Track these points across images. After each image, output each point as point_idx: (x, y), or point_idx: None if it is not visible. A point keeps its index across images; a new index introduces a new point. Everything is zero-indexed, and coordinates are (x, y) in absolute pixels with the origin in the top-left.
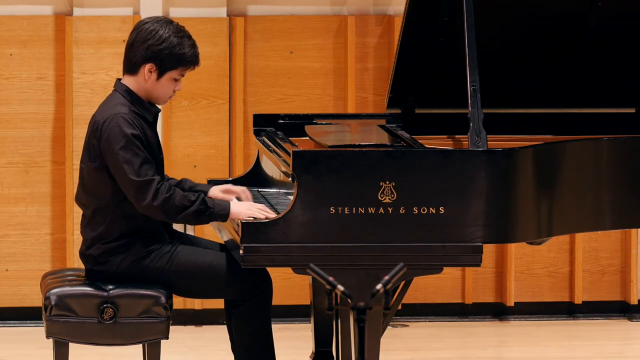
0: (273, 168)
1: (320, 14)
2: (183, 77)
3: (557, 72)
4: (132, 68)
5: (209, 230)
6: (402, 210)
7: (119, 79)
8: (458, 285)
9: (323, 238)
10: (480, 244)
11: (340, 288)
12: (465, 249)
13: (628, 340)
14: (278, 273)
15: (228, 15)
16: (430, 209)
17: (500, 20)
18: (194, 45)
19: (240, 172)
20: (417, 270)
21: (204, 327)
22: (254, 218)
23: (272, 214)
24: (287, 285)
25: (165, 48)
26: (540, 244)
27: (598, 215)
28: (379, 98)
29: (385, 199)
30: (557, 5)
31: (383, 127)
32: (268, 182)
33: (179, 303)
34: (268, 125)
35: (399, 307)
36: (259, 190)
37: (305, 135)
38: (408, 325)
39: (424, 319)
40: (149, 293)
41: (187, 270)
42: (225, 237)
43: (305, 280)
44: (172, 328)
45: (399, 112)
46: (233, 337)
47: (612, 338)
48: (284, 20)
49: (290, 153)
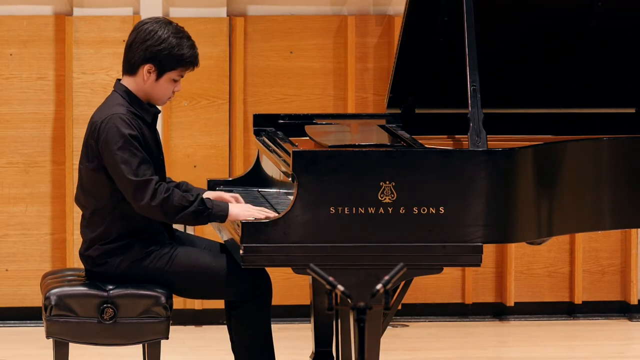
0: (273, 168)
1: (320, 14)
2: (182, 77)
3: (557, 72)
4: (131, 69)
5: (209, 230)
6: (402, 210)
7: (119, 80)
8: (458, 285)
9: (323, 238)
10: (480, 244)
11: (340, 288)
12: (465, 249)
13: (628, 340)
14: (278, 273)
15: (228, 15)
16: (430, 209)
17: (500, 20)
18: (193, 46)
19: (240, 172)
20: (417, 270)
21: (204, 327)
22: (254, 218)
23: (271, 214)
24: (287, 285)
25: (164, 49)
26: (540, 244)
27: (598, 215)
28: (379, 98)
29: (385, 199)
30: (557, 5)
31: (383, 127)
32: (268, 182)
33: (179, 303)
34: (268, 125)
35: (399, 307)
36: (259, 190)
37: (305, 135)
38: (408, 325)
39: (424, 319)
40: (149, 293)
41: (186, 272)
42: (225, 236)
43: (305, 280)
44: (172, 328)
45: (399, 112)
46: (233, 337)
47: (612, 338)
48: (284, 20)
49: (290, 153)
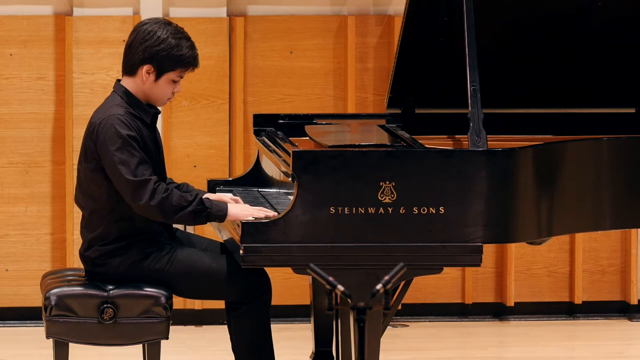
0: (273, 168)
1: (320, 14)
2: (182, 78)
3: (557, 72)
4: (130, 69)
5: (209, 230)
6: (402, 210)
7: (118, 80)
8: (458, 285)
9: (323, 238)
10: (480, 244)
11: (340, 288)
12: (465, 249)
13: (628, 340)
14: (278, 273)
15: (228, 15)
16: (430, 209)
17: (500, 20)
18: (193, 47)
19: (240, 172)
20: (417, 270)
21: (204, 327)
22: (254, 218)
23: (271, 214)
24: (287, 285)
25: (163, 49)
26: (540, 244)
27: (598, 215)
28: (379, 98)
29: (385, 199)
30: (557, 5)
31: (383, 127)
32: (268, 182)
33: (179, 303)
34: (268, 125)
35: (399, 307)
36: (259, 190)
37: (305, 135)
38: (408, 325)
39: (424, 319)
40: (149, 293)
41: (185, 273)
42: (225, 236)
43: (305, 280)
44: (172, 328)
45: (399, 112)
46: (233, 337)
47: (612, 338)
48: (284, 20)
49: (290, 153)
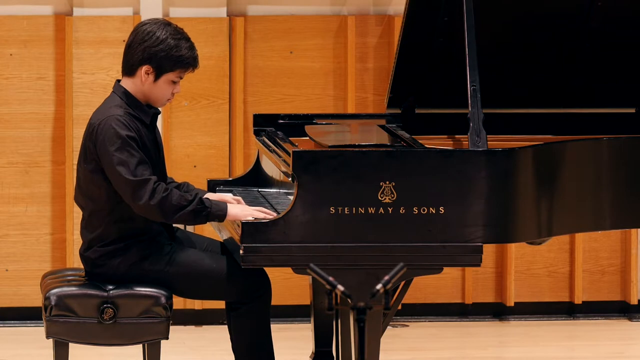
0: (273, 168)
1: (320, 14)
2: (181, 79)
3: (557, 72)
4: (129, 70)
5: (209, 229)
6: (402, 210)
7: (118, 81)
8: (458, 285)
9: (323, 238)
10: (480, 244)
11: (340, 288)
12: (465, 249)
13: (628, 340)
14: (278, 273)
15: (228, 15)
16: (430, 209)
17: (500, 20)
18: (192, 48)
19: (240, 172)
20: (417, 270)
21: (204, 327)
22: (254, 218)
23: (271, 215)
24: (287, 285)
25: (162, 50)
26: (540, 244)
27: (598, 215)
28: (379, 98)
29: (385, 199)
30: (557, 5)
31: (383, 127)
32: (268, 182)
33: (179, 303)
34: (268, 125)
35: (399, 307)
36: (259, 190)
37: (305, 135)
38: (408, 325)
39: (424, 319)
40: (149, 293)
41: (185, 273)
42: (225, 235)
43: (305, 280)
44: (172, 328)
45: (399, 112)
46: (233, 337)
47: (612, 338)
48: (284, 20)
49: (290, 153)
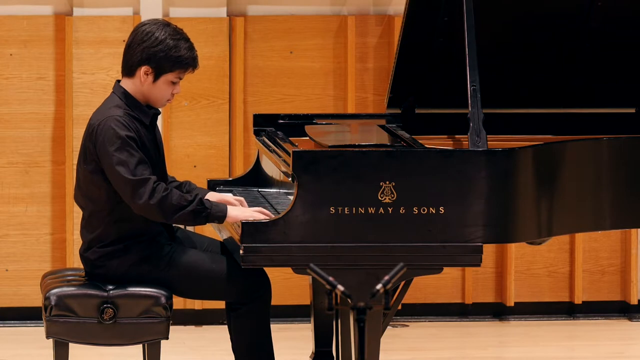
0: (273, 168)
1: (320, 14)
2: (181, 80)
3: (557, 72)
4: (129, 70)
5: (209, 229)
6: (402, 210)
7: (118, 81)
8: (458, 285)
9: (323, 238)
10: (480, 244)
11: (340, 288)
12: (465, 249)
13: (628, 340)
14: (278, 273)
15: (228, 15)
16: (430, 209)
17: (500, 20)
18: (191, 48)
19: (240, 172)
20: (417, 270)
21: (204, 327)
22: (254, 219)
23: (271, 216)
24: (287, 285)
25: (161, 50)
26: (540, 244)
27: (598, 215)
28: (379, 98)
29: (385, 199)
30: (557, 6)
31: (383, 127)
32: (268, 182)
33: (179, 303)
34: (268, 125)
35: (399, 307)
36: (259, 190)
37: (305, 135)
38: (408, 325)
39: (424, 319)
40: (149, 293)
41: (185, 273)
42: (225, 235)
43: (305, 280)
44: (172, 328)
45: (399, 112)
46: (233, 337)
47: (612, 338)
48: (284, 20)
49: (290, 153)
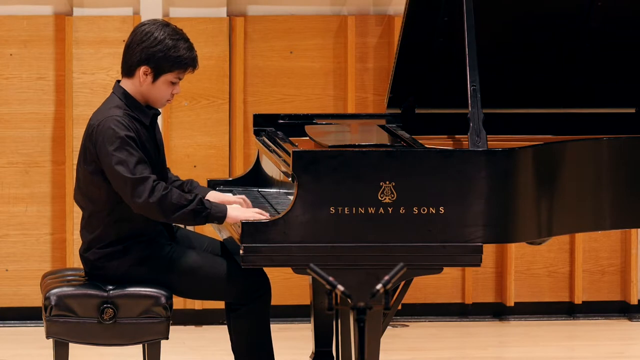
0: (273, 168)
1: (320, 14)
2: (180, 80)
3: (557, 72)
4: (128, 70)
5: (209, 229)
6: (402, 210)
7: (118, 81)
8: (458, 285)
9: (323, 238)
10: (480, 244)
11: (340, 288)
12: (465, 249)
13: (628, 340)
14: (278, 273)
15: (228, 15)
16: (430, 209)
17: (500, 20)
18: (190, 48)
19: (240, 172)
20: (417, 270)
21: (204, 327)
22: (254, 219)
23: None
24: (287, 285)
25: (160, 50)
26: (540, 244)
27: (598, 215)
28: (379, 98)
29: (385, 199)
30: (557, 5)
31: (383, 127)
32: (268, 182)
33: (179, 303)
34: (268, 125)
35: (399, 307)
36: (259, 190)
37: (305, 135)
38: (408, 325)
39: (424, 319)
40: (149, 293)
41: (185, 274)
42: (225, 235)
43: (305, 280)
44: (172, 328)
45: (399, 112)
46: (233, 338)
47: (612, 338)
48: (284, 20)
49: (290, 153)
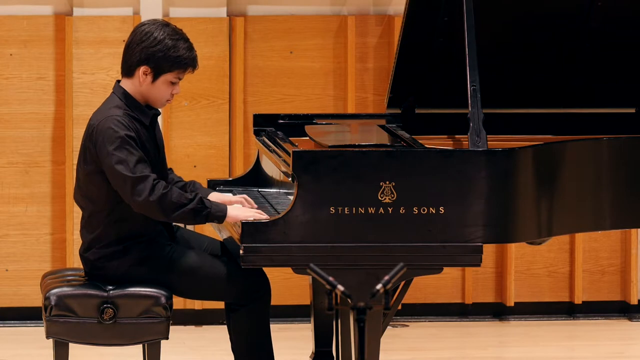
0: (273, 168)
1: (320, 14)
2: (180, 80)
3: (557, 72)
4: (128, 70)
5: (209, 229)
6: (402, 210)
7: (118, 81)
8: (458, 285)
9: (323, 238)
10: (480, 244)
11: (340, 288)
12: (465, 249)
13: (628, 340)
14: (278, 273)
15: (228, 15)
16: (430, 209)
17: (500, 20)
18: (190, 48)
19: (240, 172)
20: (417, 270)
21: (204, 327)
22: (254, 219)
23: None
24: (287, 285)
25: (160, 50)
26: (540, 244)
27: (598, 215)
28: (379, 98)
29: (385, 199)
30: (557, 6)
31: (383, 127)
32: (268, 182)
33: (179, 303)
34: (268, 125)
35: (399, 307)
36: (259, 190)
37: (305, 135)
38: (408, 325)
39: (424, 319)
40: (149, 293)
41: (185, 274)
42: (225, 235)
43: (305, 280)
44: (172, 328)
45: (399, 112)
46: (232, 338)
47: (612, 338)
48: (284, 20)
49: (290, 153)
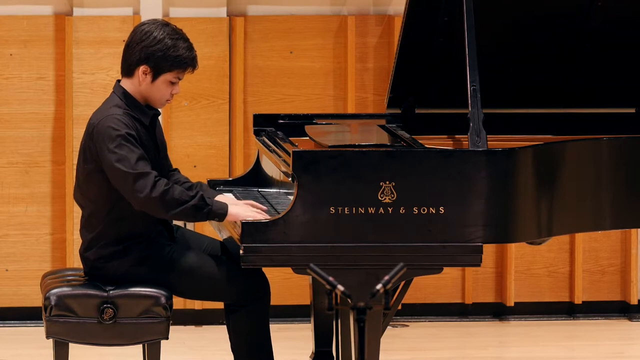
0: (273, 168)
1: (320, 14)
2: (180, 80)
3: (557, 72)
4: (128, 70)
5: (209, 229)
6: (402, 210)
7: (118, 81)
8: (458, 285)
9: (323, 238)
10: (480, 244)
11: (340, 288)
12: (465, 249)
13: (628, 340)
14: (278, 273)
15: (228, 15)
16: (430, 209)
17: (500, 20)
18: (190, 48)
19: (240, 172)
20: (417, 270)
21: (204, 327)
22: (254, 219)
23: (265, 210)
24: (287, 285)
25: (159, 50)
26: (540, 244)
27: (598, 215)
28: (379, 98)
29: (385, 199)
30: (557, 6)
31: (383, 127)
32: (268, 182)
33: (179, 303)
34: (268, 125)
35: (399, 307)
36: (259, 190)
37: (305, 135)
38: (408, 325)
39: (424, 319)
40: (149, 293)
41: (185, 274)
42: (224, 235)
43: (305, 280)
44: (172, 328)
45: (399, 112)
46: (232, 338)
47: (612, 338)
48: (284, 20)
49: (290, 153)
